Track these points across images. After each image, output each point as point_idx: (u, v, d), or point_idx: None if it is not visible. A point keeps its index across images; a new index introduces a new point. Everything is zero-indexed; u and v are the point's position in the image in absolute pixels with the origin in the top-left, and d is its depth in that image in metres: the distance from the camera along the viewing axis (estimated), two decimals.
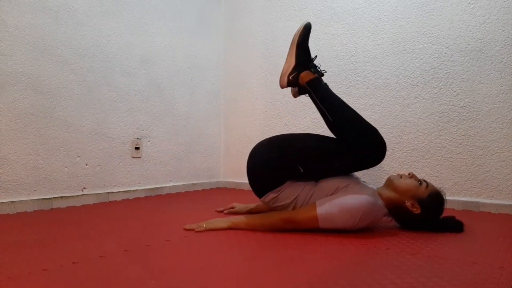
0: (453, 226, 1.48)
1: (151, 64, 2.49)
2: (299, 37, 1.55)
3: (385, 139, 1.46)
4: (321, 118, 2.72)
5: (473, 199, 2.05)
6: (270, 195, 1.51)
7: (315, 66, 1.57)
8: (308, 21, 1.58)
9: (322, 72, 1.58)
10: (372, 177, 2.30)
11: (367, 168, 1.51)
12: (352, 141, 1.45)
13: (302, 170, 1.47)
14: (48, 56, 1.96)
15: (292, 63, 1.56)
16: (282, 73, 1.59)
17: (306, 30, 1.56)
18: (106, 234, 1.41)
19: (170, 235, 1.38)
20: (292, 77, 1.56)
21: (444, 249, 1.23)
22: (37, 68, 1.91)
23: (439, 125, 2.16)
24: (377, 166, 2.30)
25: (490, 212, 1.97)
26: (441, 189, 1.49)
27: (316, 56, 1.59)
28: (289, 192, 1.49)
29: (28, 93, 1.88)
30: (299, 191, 1.48)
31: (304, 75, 1.55)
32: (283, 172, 1.50)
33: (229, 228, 1.47)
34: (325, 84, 1.57)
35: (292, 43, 1.58)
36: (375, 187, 1.51)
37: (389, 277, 0.95)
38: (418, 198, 1.42)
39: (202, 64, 2.88)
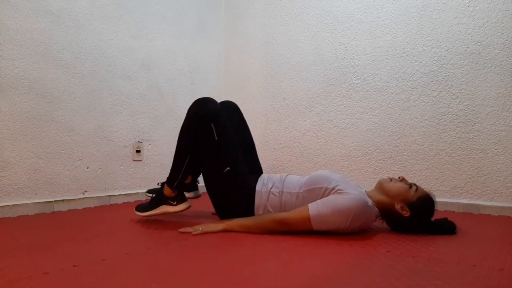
0: (445, 228, 1.48)
1: (152, 68, 2.50)
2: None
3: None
4: (321, 121, 2.72)
5: (473, 202, 2.05)
6: (259, 211, 1.57)
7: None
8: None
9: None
10: (368, 180, 2.31)
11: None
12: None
13: (228, 168, 1.58)
14: (50, 60, 1.97)
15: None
16: None
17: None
18: (107, 237, 1.41)
19: (170, 238, 1.39)
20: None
21: (444, 252, 1.23)
22: (38, 72, 1.92)
23: (438, 128, 2.17)
24: (376, 169, 2.31)
25: (490, 215, 1.97)
26: (431, 192, 1.50)
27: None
28: (263, 197, 1.57)
29: (29, 96, 1.89)
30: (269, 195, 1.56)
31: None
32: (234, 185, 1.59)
33: (225, 231, 1.48)
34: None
35: None
36: (363, 189, 1.51)
37: (390, 280, 0.96)
38: (407, 201, 1.43)
39: (203, 67, 2.89)
